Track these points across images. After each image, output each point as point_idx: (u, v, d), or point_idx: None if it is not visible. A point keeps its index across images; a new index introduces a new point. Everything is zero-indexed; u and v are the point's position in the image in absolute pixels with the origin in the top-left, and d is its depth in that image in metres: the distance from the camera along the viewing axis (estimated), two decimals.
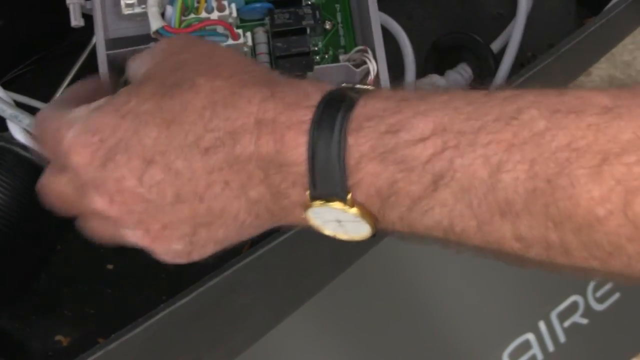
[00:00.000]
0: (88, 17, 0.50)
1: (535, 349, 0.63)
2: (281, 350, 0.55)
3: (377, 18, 0.49)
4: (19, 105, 0.51)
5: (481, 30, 0.64)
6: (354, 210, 0.36)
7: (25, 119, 0.48)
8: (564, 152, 0.32)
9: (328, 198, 0.36)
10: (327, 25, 0.52)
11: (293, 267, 0.53)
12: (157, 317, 0.46)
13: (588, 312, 0.65)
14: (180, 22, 0.47)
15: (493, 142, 0.33)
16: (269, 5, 0.50)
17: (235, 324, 0.55)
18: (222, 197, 0.38)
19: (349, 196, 0.36)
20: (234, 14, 0.48)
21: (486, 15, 0.68)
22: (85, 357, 0.45)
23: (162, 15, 0.47)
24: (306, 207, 0.37)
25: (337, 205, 0.36)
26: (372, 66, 0.49)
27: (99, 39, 0.47)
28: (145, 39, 0.48)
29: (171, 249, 0.41)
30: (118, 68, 0.48)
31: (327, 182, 0.36)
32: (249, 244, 0.59)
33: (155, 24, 0.46)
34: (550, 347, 0.64)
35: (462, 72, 0.62)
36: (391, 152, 0.35)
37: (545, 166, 0.32)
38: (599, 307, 0.65)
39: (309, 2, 0.52)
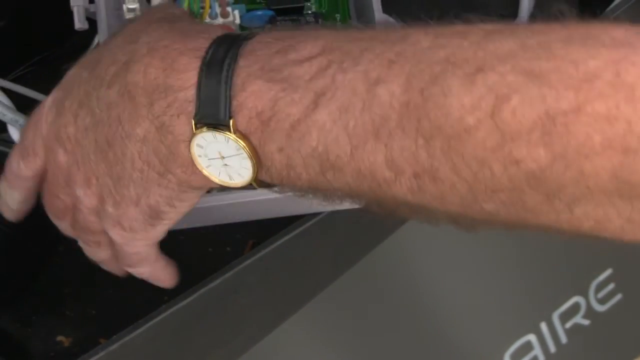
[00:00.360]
0: (90, 20, 0.50)
1: (537, 350, 0.64)
2: (283, 351, 0.55)
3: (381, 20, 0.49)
4: (26, 98, 0.51)
5: None
6: (236, 138, 0.36)
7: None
8: (441, 64, 0.32)
9: (212, 124, 0.36)
10: None
11: (294, 268, 0.53)
12: (159, 318, 0.46)
13: (590, 313, 0.65)
14: None
15: (375, 59, 0.33)
16: (271, 12, 0.51)
17: (237, 324, 0.55)
18: (118, 137, 0.39)
19: (232, 122, 0.36)
20: (237, 20, 0.49)
21: (487, 16, 0.68)
22: (87, 358, 0.45)
23: None
24: (191, 140, 0.37)
25: (220, 131, 0.36)
26: None
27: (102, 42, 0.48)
28: None
29: (107, 211, 0.41)
30: None
31: (212, 107, 0.36)
32: (249, 245, 0.60)
33: None
34: (552, 348, 0.64)
35: None
36: (277, 71, 0.35)
37: (419, 78, 0.32)
38: (600, 308, 0.65)
39: (310, 11, 0.52)
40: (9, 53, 0.59)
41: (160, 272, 0.46)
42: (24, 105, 0.50)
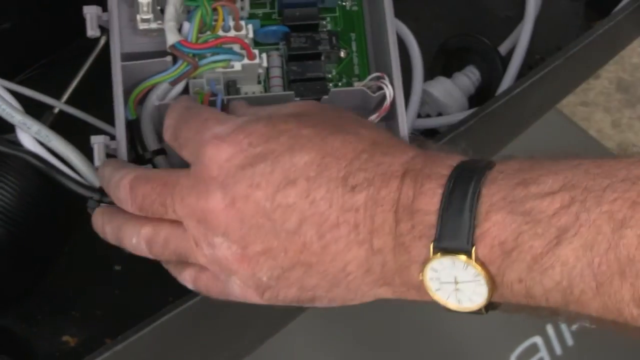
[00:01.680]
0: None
1: (543, 352, 0.64)
2: (288, 352, 0.56)
3: (395, 44, 0.50)
4: (32, 101, 0.52)
5: (489, 33, 0.65)
6: (476, 265, 0.38)
7: (34, 125, 0.49)
8: None
9: (452, 250, 0.38)
10: (342, 54, 0.53)
11: None
12: (165, 318, 0.47)
13: None
14: (197, 38, 0.48)
15: (619, 199, 0.35)
16: (286, 28, 0.52)
17: (242, 326, 0.56)
18: (344, 240, 0.40)
19: (474, 250, 0.38)
20: (251, 34, 0.50)
21: (494, 17, 0.69)
22: (93, 358, 0.46)
23: (179, 30, 0.49)
24: (426, 263, 0.39)
25: (460, 257, 0.38)
26: (388, 92, 0.50)
27: (114, 51, 0.49)
28: (159, 55, 0.49)
29: (254, 277, 0.42)
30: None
31: (455, 232, 0.38)
32: None
33: (171, 38, 0.48)
34: (558, 351, 0.65)
35: (470, 74, 0.63)
36: (520, 203, 0.37)
37: None
38: None
39: (325, 29, 0.53)
40: (15, 55, 0.60)
41: None
42: (31, 109, 0.51)
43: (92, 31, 0.50)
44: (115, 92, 0.49)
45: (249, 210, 0.41)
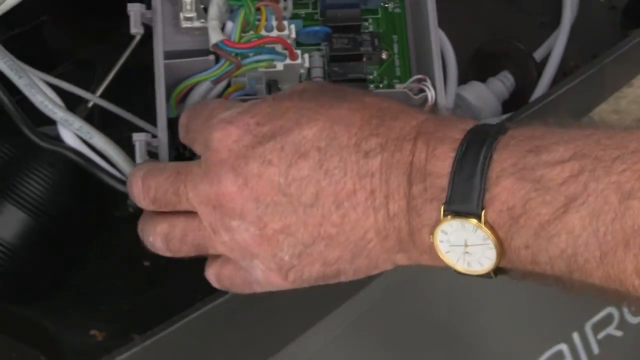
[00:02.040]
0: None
1: None
2: (314, 352, 0.56)
3: (437, 46, 0.51)
4: (70, 95, 0.53)
5: (524, 38, 0.66)
6: (485, 229, 0.38)
7: (76, 122, 0.49)
8: None
9: (462, 213, 0.39)
10: (384, 55, 0.54)
11: None
12: (192, 315, 0.48)
13: (623, 324, 0.66)
14: (240, 37, 0.49)
15: (627, 170, 0.36)
16: (328, 29, 0.52)
17: (269, 325, 0.56)
18: (362, 207, 0.41)
19: (483, 214, 0.38)
20: (293, 34, 0.50)
21: (530, 23, 0.69)
22: (121, 353, 0.47)
23: (222, 29, 0.49)
24: (436, 225, 0.39)
25: (470, 221, 0.38)
26: (430, 94, 0.51)
27: (158, 50, 0.50)
28: (200, 53, 0.50)
29: (276, 257, 0.42)
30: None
31: (465, 196, 0.38)
32: None
33: (215, 36, 0.48)
34: (584, 359, 0.65)
35: (504, 79, 0.64)
36: (530, 170, 0.38)
37: None
38: (634, 319, 0.66)
39: (367, 31, 0.54)
40: (52, 49, 0.61)
41: None
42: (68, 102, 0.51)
43: (135, 29, 0.50)
44: (158, 91, 0.49)
45: (263, 188, 0.41)
